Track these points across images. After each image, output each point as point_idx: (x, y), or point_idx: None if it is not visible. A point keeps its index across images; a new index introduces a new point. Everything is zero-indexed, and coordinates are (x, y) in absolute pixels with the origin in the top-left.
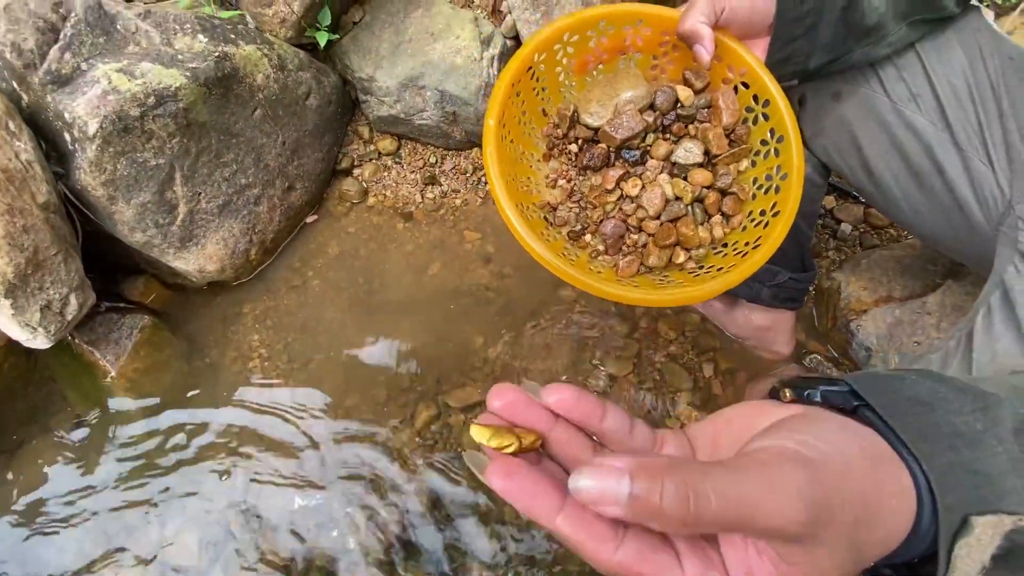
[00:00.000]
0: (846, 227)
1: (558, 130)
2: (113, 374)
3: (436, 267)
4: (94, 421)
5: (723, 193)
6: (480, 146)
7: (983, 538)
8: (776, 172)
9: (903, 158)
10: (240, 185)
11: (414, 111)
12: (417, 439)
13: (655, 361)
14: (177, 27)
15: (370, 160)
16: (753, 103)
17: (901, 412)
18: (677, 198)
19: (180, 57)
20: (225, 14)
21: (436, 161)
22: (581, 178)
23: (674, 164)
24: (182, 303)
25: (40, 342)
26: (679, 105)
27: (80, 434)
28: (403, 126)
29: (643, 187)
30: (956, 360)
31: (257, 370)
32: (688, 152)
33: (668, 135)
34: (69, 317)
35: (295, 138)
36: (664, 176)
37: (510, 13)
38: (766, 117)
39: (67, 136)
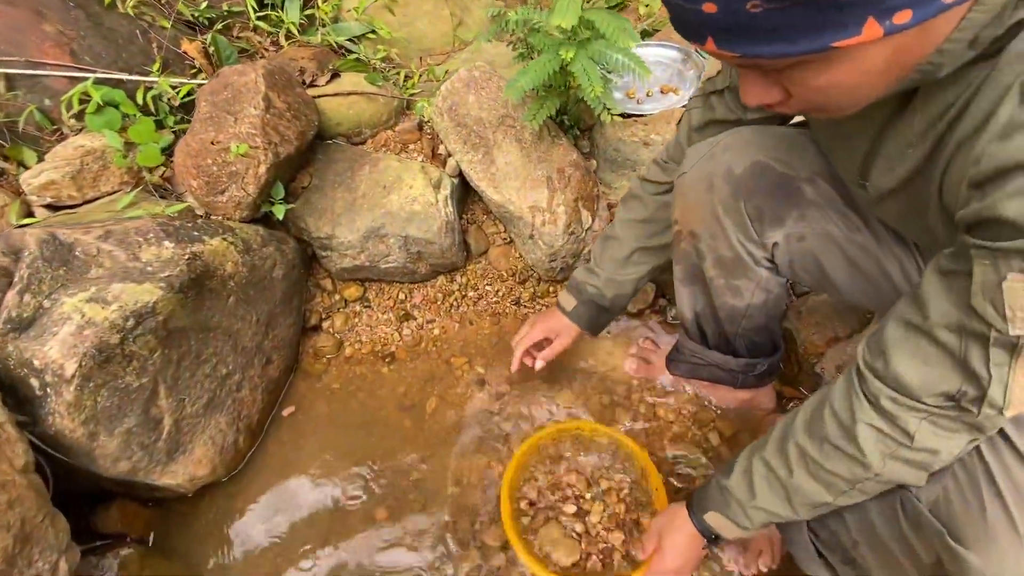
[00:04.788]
0: None
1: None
2: None
3: (433, 403)
4: None
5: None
6: (445, 274)
7: (719, 522)
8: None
9: (854, 267)
10: (221, 376)
11: (379, 257)
12: None
13: (665, 446)
14: (140, 239)
15: (338, 310)
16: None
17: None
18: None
19: (150, 269)
20: (172, 209)
21: (405, 297)
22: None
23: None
24: (165, 518)
25: None
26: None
27: None
28: (367, 272)
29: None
30: None
31: (272, 565)
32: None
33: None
34: None
35: (267, 312)
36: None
37: (451, 156)
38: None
39: (34, 382)
